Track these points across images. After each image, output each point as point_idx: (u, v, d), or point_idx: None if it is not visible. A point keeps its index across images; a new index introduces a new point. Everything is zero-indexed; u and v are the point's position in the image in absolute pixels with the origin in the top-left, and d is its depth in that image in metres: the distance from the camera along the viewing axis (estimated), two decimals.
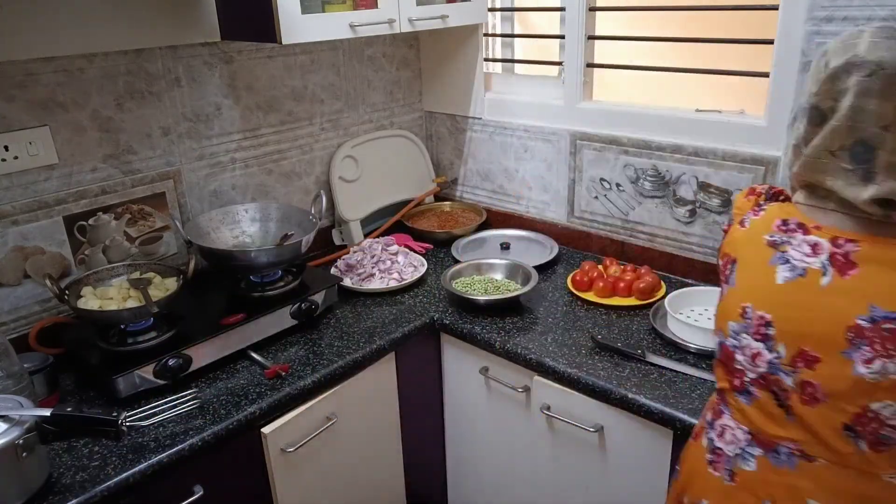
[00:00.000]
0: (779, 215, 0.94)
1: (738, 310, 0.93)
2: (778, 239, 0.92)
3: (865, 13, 1.33)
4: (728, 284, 0.97)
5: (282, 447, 1.35)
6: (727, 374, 0.97)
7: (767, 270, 0.91)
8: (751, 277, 0.93)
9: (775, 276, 0.90)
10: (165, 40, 1.56)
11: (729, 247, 0.99)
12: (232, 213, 1.72)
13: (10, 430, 1.04)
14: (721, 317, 0.98)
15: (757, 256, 0.93)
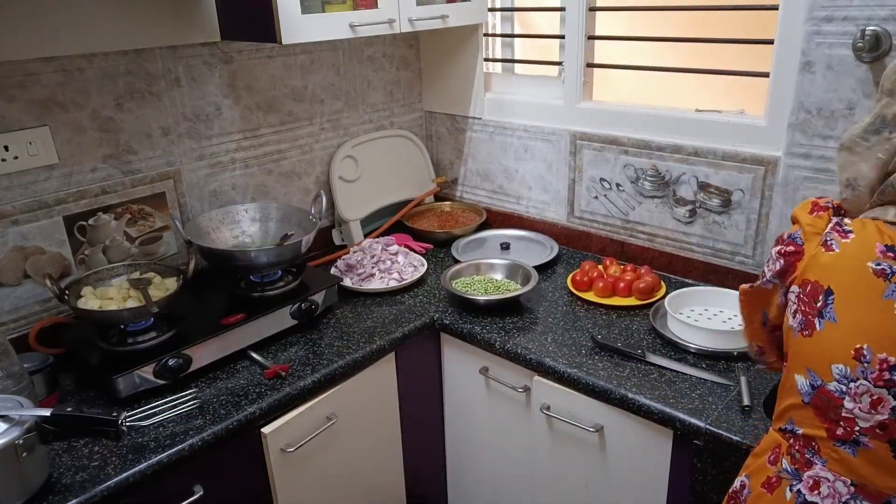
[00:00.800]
0: (879, 239, 0.83)
1: (850, 352, 0.82)
2: (888, 268, 0.81)
3: (865, 13, 1.33)
4: (823, 318, 0.85)
5: (282, 447, 1.35)
6: (825, 422, 0.86)
7: (883, 305, 0.80)
8: (862, 314, 0.82)
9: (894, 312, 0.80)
10: (165, 40, 1.56)
11: (815, 273, 0.87)
12: (232, 213, 1.72)
13: (10, 430, 1.04)
14: (819, 357, 0.86)
15: (864, 288, 0.82)
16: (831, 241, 0.87)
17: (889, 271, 0.81)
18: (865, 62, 1.36)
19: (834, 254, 0.86)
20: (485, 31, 2.08)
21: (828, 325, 0.85)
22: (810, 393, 0.87)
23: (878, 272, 0.82)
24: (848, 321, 0.83)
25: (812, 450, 0.88)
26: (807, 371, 0.87)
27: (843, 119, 1.42)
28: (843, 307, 0.83)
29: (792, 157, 1.52)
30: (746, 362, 1.39)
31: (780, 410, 0.92)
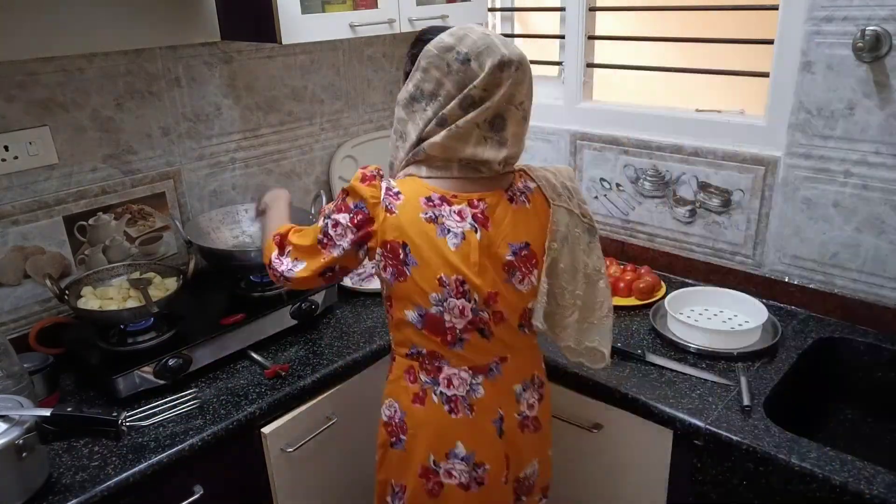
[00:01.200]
0: (419, 194, 1.09)
1: (435, 282, 1.08)
2: (432, 214, 1.08)
3: (865, 13, 1.33)
4: (408, 266, 1.09)
5: (282, 447, 1.35)
6: (437, 335, 1.12)
7: (439, 242, 1.07)
8: (429, 253, 1.08)
9: (447, 245, 1.07)
10: (165, 40, 1.56)
11: (390, 234, 1.08)
12: (232, 213, 1.72)
13: (10, 430, 1.04)
14: (416, 292, 1.10)
15: (424, 234, 1.07)
16: (390, 205, 1.09)
17: (433, 216, 1.08)
18: (865, 62, 1.36)
19: (395, 215, 1.08)
20: None
21: (413, 269, 1.09)
22: (420, 320, 1.12)
23: (427, 219, 1.08)
24: (425, 261, 1.08)
25: (438, 359, 1.14)
26: (413, 305, 1.11)
27: (843, 119, 1.42)
28: (417, 252, 1.08)
29: (792, 157, 1.52)
30: (746, 362, 1.39)
31: (400, 340, 1.17)
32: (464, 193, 1.09)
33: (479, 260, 1.09)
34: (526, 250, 1.12)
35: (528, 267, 1.13)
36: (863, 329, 1.49)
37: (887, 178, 1.40)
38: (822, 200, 1.50)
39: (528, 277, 1.13)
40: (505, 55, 1.06)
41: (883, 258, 1.45)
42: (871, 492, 1.04)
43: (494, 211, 1.10)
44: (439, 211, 1.08)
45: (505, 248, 1.10)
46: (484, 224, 1.09)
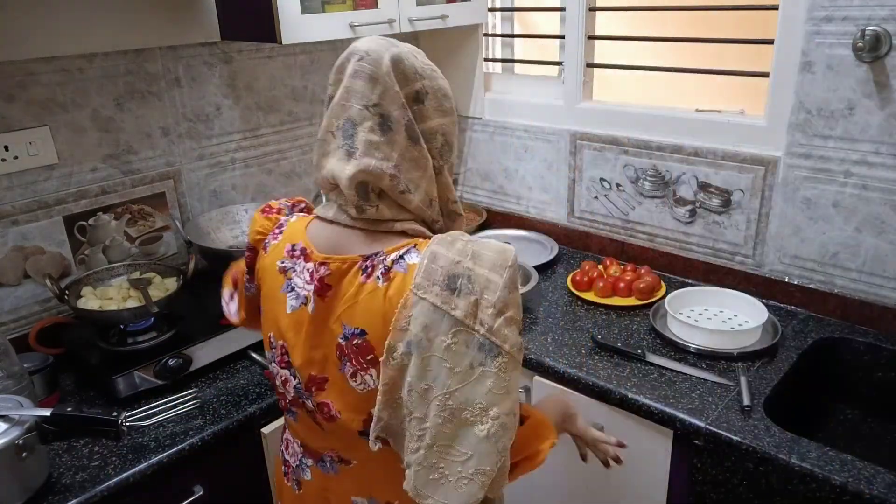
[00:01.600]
0: (290, 239, 0.96)
1: (267, 339, 0.98)
2: (287, 265, 0.94)
3: (865, 13, 1.33)
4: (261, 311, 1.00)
5: None
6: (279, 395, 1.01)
7: (280, 299, 0.94)
8: (271, 307, 0.96)
9: (286, 306, 0.93)
10: (165, 40, 1.56)
11: (259, 273, 1.00)
12: (232, 213, 1.73)
13: (10, 430, 1.04)
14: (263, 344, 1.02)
15: (274, 285, 0.95)
16: (268, 243, 0.99)
17: (287, 267, 0.93)
18: (865, 62, 1.36)
19: (265, 255, 0.99)
20: (485, 31, 2.08)
21: (262, 317, 1.00)
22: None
23: (280, 269, 0.94)
24: (266, 314, 0.98)
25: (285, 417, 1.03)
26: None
27: (843, 119, 1.42)
28: (265, 301, 0.98)
29: (792, 157, 1.52)
30: (746, 362, 1.39)
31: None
32: (319, 252, 0.91)
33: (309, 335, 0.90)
34: (360, 339, 0.85)
35: (362, 362, 0.86)
36: (863, 329, 1.49)
37: (887, 178, 1.40)
38: (822, 200, 1.50)
39: (361, 375, 0.86)
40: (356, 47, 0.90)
41: (883, 258, 1.45)
42: (871, 492, 1.04)
43: (336, 280, 0.88)
44: (293, 264, 0.93)
45: (339, 327, 0.87)
46: (321, 294, 0.88)
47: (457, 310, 0.80)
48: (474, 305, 0.81)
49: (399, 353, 0.82)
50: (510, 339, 0.82)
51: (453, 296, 0.81)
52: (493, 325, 0.81)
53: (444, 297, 0.81)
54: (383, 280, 0.85)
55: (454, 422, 0.81)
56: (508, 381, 0.82)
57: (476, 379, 0.81)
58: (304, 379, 0.92)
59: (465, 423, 0.81)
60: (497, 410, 0.81)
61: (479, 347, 0.81)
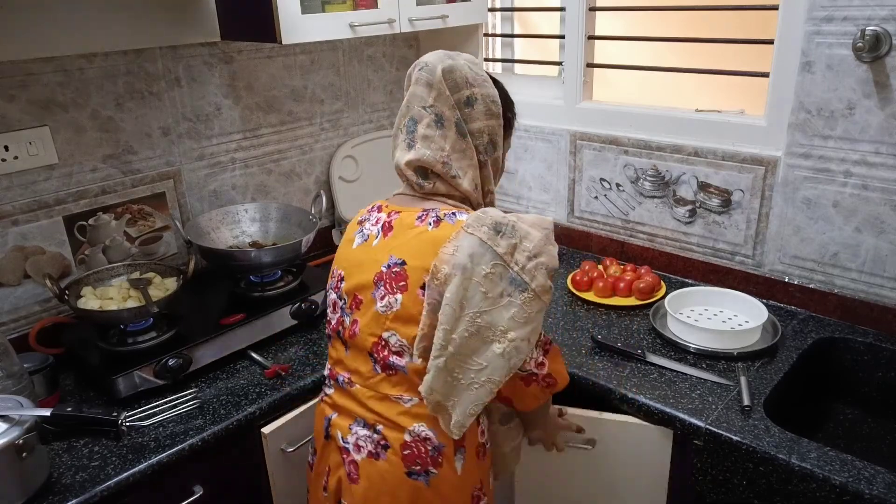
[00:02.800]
0: (373, 205, 1.16)
1: (331, 272, 1.17)
2: (363, 218, 1.16)
3: (865, 13, 1.33)
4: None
5: (282, 447, 1.35)
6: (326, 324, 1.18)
7: (350, 240, 1.15)
8: (342, 248, 1.16)
9: (353, 243, 1.13)
10: (165, 40, 1.56)
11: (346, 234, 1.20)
12: (232, 213, 1.73)
13: (10, 430, 1.04)
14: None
15: (350, 232, 1.16)
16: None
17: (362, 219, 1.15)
18: (865, 62, 1.36)
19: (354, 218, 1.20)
20: (485, 31, 2.08)
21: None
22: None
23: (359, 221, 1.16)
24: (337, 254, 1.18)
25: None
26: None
27: (843, 119, 1.42)
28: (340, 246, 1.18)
29: (792, 157, 1.52)
30: (746, 362, 1.39)
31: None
32: (392, 205, 1.13)
33: (362, 262, 1.09)
34: (398, 268, 1.04)
35: (392, 286, 1.04)
36: (863, 329, 1.49)
37: (887, 178, 1.40)
38: (822, 200, 1.50)
39: (388, 297, 1.04)
40: (420, 60, 1.10)
41: (883, 258, 1.45)
42: (871, 492, 1.04)
43: (399, 224, 1.08)
44: (367, 216, 1.15)
45: (385, 257, 1.06)
46: (385, 233, 1.09)
47: (499, 247, 0.99)
48: (513, 247, 1.00)
49: (443, 273, 0.98)
50: (538, 279, 1.00)
51: (497, 236, 1.00)
52: (526, 266, 1.00)
53: (490, 235, 0.99)
54: (433, 226, 1.04)
55: (478, 337, 0.99)
56: (529, 313, 1.00)
57: (503, 306, 0.99)
58: (350, 299, 1.10)
59: (486, 339, 1.00)
60: (514, 335, 1.00)
61: (511, 281, 1.00)
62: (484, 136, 1.10)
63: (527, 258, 1.00)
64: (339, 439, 1.11)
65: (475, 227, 1.00)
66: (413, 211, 1.08)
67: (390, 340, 1.04)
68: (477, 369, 1.00)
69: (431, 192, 1.09)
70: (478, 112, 1.08)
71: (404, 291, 1.02)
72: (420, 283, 1.02)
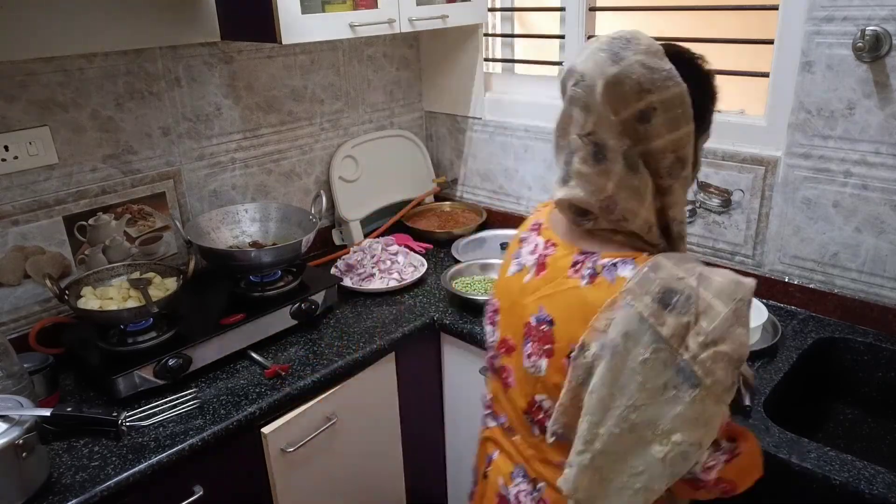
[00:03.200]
0: (539, 217, 1.02)
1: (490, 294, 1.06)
2: (524, 236, 1.01)
3: (865, 13, 1.33)
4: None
5: (282, 447, 1.35)
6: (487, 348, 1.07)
7: (508, 262, 1.01)
8: (502, 269, 1.04)
9: (508, 269, 1.00)
10: (165, 40, 1.56)
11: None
12: (232, 213, 1.72)
13: (10, 430, 1.04)
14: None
15: (511, 250, 1.03)
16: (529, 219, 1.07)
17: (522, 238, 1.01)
18: (865, 62, 1.36)
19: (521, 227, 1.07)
20: (485, 31, 2.08)
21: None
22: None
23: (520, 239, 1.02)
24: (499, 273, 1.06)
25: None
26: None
27: (842, 119, 1.42)
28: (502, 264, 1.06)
29: (792, 157, 1.52)
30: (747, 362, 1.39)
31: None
32: (553, 231, 0.95)
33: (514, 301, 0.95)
34: (546, 327, 0.88)
35: (540, 349, 0.88)
36: (863, 329, 1.49)
37: (887, 178, 1.40)
38: (822, 200, 1.50)
39: (535, 359, 0.89)
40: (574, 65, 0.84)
41: (883, 258, 1.45)
42: (871, 492, 1.04)
43: (554, 264, 0.91)
44: (528, 235, 1.00)
45: (535, 307, 0.90)
46: (538, 270, 0.93)
47: (664, 327, 0.76)
48: (685, 328, 0.76)
49: (591, 352, 0.80)
50: (716, 374, 0.76)
51: (664, 311, 0.77)
52: (700, 355, 0.76)
53: (654, 309, 0.77)
54: (587, 281, 0.85)
55: (632, 435, 0.79)
56: (703, 412, 0.77)
57: (666, 400, 0.77)
58: (499, 339, 0.98)
59: (642, 439, 0.79)
60: (681, 437, 0.78)
61: (678, 371, 0.77)
62: (667, 156, 0.84)
63: (701, 345, 0.76)
64: (499, 485, 1.01)
65: (637, 294, 0.78)
66: (569, 250, 0.90)
67: (543, 405, 0.91)
68: (631, 473, 0.80)
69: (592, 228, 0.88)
70: (657, 127, 0.82)
71: (549, 357, 0.87)
72: (566, 352, 0.85)
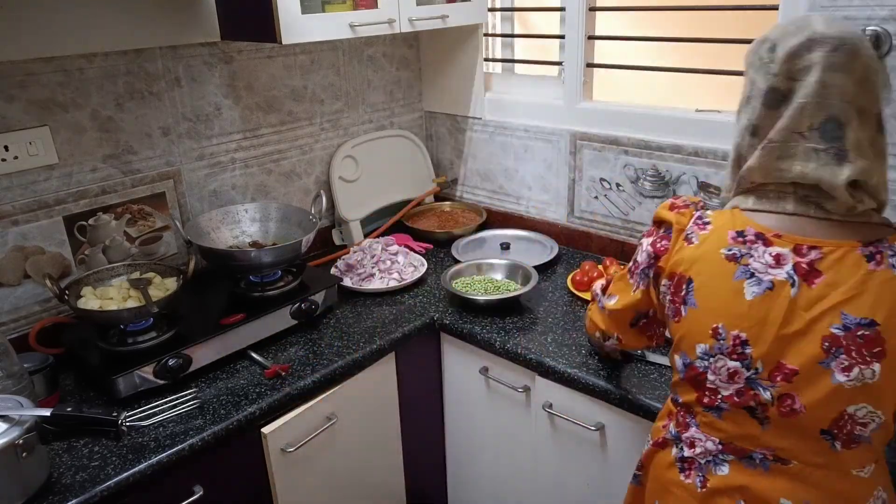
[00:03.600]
0: (731, 227, 0.92)
1: (708, 331, 0.91)
2: (738, 252, 0.89)
3: (865, 13, 1.33)
4: (686, 305, 0.94)
5: (282, 447, 1.35)
6: (695, 391, 0.96)
7: (734, 287, 0.89)
8: (716, 296, 0.91)
9: (744, 293, 0.88)
10: (165, 40, 1.56)
11: (680, 266, 0.95)
12: (232, 213, 1.73)
13: (10, 430, 1.04)
14: (687, 339, 0.95)
15: (718, 273, 0.90)
16: (691, 234, 0.95)
17: (738, 254, 0.89)
18: None
19: (693, 246, 0.94)
20: (485, 31, 2.08)
21: (690, 310, 0.93)
22: (683, 370, 0.96)
23: (728, 257, 0.90)
24: (705, 305, 0.91)
25: (690, 415, 0.98)
26: (680, 352, 0.96)
27: None
28: (701, 292, 0.92)
29: None
30: None
31: (672, 385, 1.03)
32: (793, 235, 0.87)
33: (783, 321, 0.85)
34: (867, 330, 0.82)
35: (862, 355, 0.82)
36: None
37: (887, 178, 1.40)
38: None
39: (859, 368, 0.82)
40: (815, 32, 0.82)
41: None
42: None
43: (834, 266, 0.84)
44: (749, 250, 0.88)
45: (835, 317, 0.83)
46: (808, 279, 0.85)
47: None
48: None
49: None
50: None
51: None
52: None
53: None
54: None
55: None
56: None
57: None
58: (770, 368, 0.87)
59: None
60: None
61: None
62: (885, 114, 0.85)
63: None
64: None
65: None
66: (845, 246, 0.84)
67: (857, 414, 0.85)
68: None
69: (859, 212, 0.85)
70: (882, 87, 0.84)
71: (882, 358, 0.82)
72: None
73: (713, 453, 0.95)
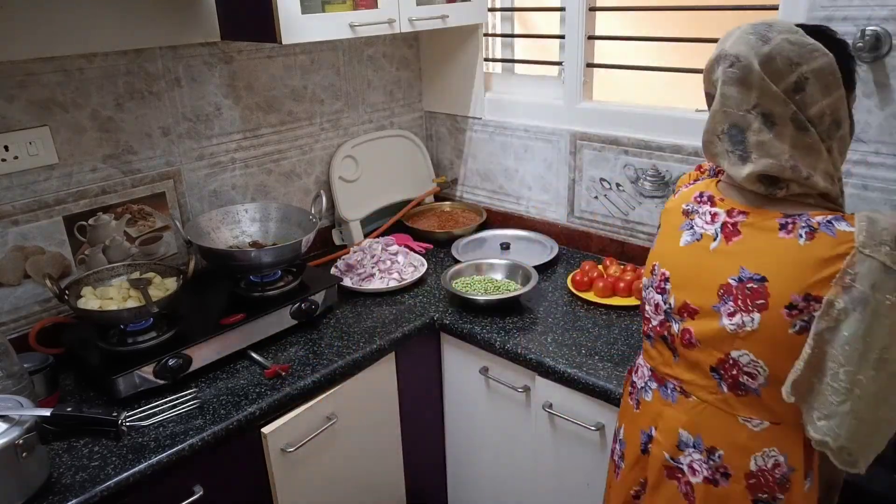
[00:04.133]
0: (701, 189, 1.05)
1: (651, 267, 1.08)
2: (691, 208, 1.04)
3: (865, 13, 1.33)
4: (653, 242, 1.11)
5: (282, 447, 1.35)
6: (644, 321, 1.12)
7: (676, 234, 1.04)
8: (664, 241, 1.07)
9: (679, 240, 1.03)
10: (165, 40, 1.56)
11: (662, 215, 1.12)
12: (232, 213, 1.73)
13: (10, 430, 1.04)
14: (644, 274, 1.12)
15: (673, 223, 1.06)
16: (679, 190, 1.11)
17: (690, 210, 1.04)
18: (865, 62, 1.36)
19: (673, 198, 1.11)
20: (485, 31, 2.08)
21: (651, 250, 1.11)
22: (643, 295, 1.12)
23: (684, 211, 1.05)
24: (657, 247, 1.09)
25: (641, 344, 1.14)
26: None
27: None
28: (659, 237, 1.09)
29: None
30: None
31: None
32: (733, 200, 0.99)
33: (697, 267, 0.99)
34: (756, 284, 0.92)
35: (747, 304, 0.92)
36: None
37: (887, 178, 1.40)
38: None
39: (741, 315, 0.93)
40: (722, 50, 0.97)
41: None
42: (871, 491, 1.04)
43: (751, 230, 0.95)
44: (698, 207, 1.03)
45: (734, 269, 0.94)
46: (728, 237, 0.97)
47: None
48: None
49: (837, 308, 0.86)
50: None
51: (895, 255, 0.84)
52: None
53: (894, 257, 0.84)
54: (806, 238, 0.90)
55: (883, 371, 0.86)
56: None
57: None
58: (679, 304, 1.01)
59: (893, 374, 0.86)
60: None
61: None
62: (825, 119, 0.92)
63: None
64: (665, 458, 1.04)
65: (871, 247, 0.84)
66: (768, 215, 0.94)
67: (741, 360, 0.94)
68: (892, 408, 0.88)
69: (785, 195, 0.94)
70: (812, 94, 0.90)
71: (763, 310, 0.91)
72: (785, 304, 0.90)
73: (644, 380, 1.11)
